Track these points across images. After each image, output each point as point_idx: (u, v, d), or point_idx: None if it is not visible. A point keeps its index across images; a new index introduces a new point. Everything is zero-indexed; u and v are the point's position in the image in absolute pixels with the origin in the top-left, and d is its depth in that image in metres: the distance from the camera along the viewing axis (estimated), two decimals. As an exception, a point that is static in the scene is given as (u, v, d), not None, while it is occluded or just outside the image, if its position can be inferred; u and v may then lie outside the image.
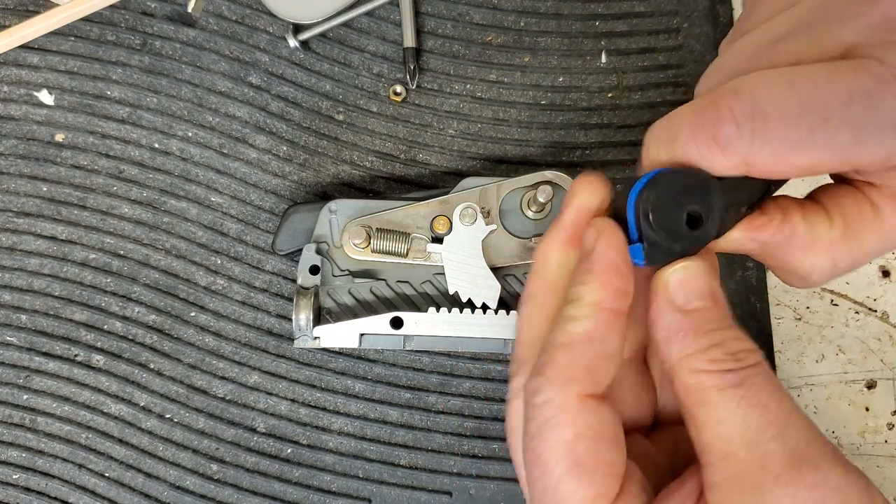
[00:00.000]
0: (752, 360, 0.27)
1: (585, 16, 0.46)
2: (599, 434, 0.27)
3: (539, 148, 0.45)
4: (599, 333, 0.28)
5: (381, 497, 0.43)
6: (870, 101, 0.23)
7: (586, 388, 0.27)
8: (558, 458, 0.27)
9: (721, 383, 0.26)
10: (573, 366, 0.27)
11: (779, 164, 0.25)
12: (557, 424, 0.27)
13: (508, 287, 0.40)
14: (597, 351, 0.28)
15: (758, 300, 0.44)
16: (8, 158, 0.45)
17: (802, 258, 0.30)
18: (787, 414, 0.26)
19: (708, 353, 0.27)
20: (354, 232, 0.39)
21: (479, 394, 0.43)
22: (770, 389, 0.26)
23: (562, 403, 0.27)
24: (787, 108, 0.24)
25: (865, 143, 0.24)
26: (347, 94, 0.46)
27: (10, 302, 0.44)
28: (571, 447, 0.27)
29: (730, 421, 0.26)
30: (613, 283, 0.28)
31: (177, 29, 0.46)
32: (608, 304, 0.28)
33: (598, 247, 0.28)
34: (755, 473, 0.25)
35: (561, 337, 0.28)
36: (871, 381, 0.44)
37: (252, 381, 0.43)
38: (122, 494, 0.42)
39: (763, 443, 0.25)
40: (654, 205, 0.27)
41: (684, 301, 0.28)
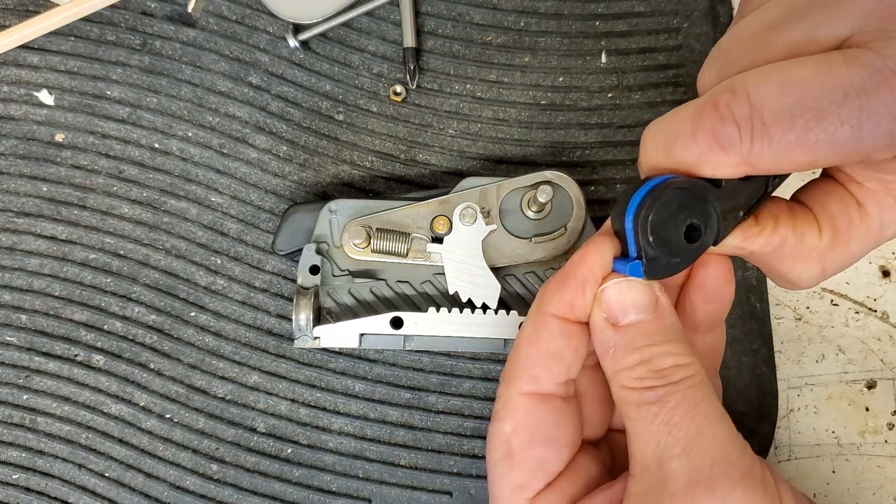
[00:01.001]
0: (679, 375, 0.27)
1: (585, 16, 0.46)
2: (535, 430, 0.29)
3: (539, 148, 0.45)
4: (541, 335, 0.29)
5: (381, 497, 0.43)
6: (865, 95, 0.23)
7: (526, 385, 0.30)
8: (497, 446, 0.30)
9: (638, 400, 0.27)
10: (515, 366, 0.30)
11: (781, 161, 0.25)
12: (501, 417, 0.30)
13: (508, 287, 0.40)
14: (537, 351, 0.29)
15: (758, 300, 0.44)
16: (8, 158, 0.45)
17: (791, 266, 0.30)
18: (697, 433, 0.26)
19: (633, 371, 0.28)
20: (354, 232, 0.39)
21: (479, 394, 0.43)
22: (687, 407, 0.26)
23: (507, 399, 0.30)
24: (783, 109, 0.24)
25: (865, 137, 0.24)
26: (347, 94, 0.46)
27: (10, 302, 0.44)
28: (507, 439, 0.30)
29: (644, 436, 0.27)
30: (564, 295, 0.29)
31: (177, 29, 0.46)
32: (551, 309, 0.29)
33: (573, 258, 0.30)
34: (659, 490, 0.26)
35: (516, 342, 0.31)
36: (871, 381, 0.44)
37: (252, 381, 0.43)
38: (122, 494, 0.42)
39: (668, 460, 0.26)
40: (654, 224, 0.27)
41: (619, 316, 0.29)
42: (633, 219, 0.27)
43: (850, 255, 0.30)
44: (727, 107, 0.25)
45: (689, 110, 0.26)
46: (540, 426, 0.29)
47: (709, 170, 0.26)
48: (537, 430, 0.29)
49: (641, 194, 0.27)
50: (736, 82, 0.25)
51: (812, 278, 0.30)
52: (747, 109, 0.25)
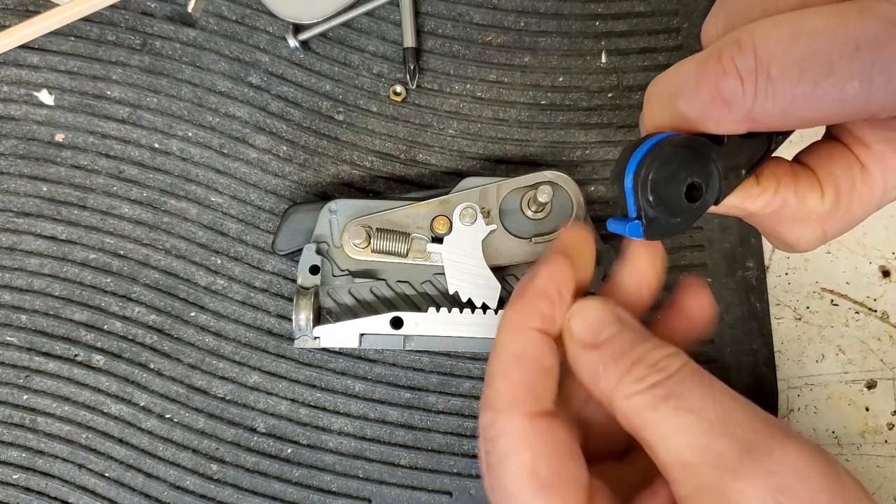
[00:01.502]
0: (676, 364, 0.27)
1: (585, 16, 0.46)
2: (556, 450, 0.27)
3: (539, 148, 0.45)
4: (530, 352, 0.28)
5: (381, 497, 0.43)
6: (878, 48, 0.22)
7: (532, 406, 0.27)
8: (522, 484, 0.26)
9: (652, 401, 0.26)
10: (515, 389, 0.27)
11: (786, 117, 0.24)
12: (514, 451, 0.27)
13: (508, 287, 0.40)
14: (531, 369, 0.28)
15: (758, 300, 0.44)
16: (8, 158, 0.45)
17: (790, 229, 0.30)
18: (725, 409, 0.25)
19: (631, 374, 0.27)
20: (354, 232, 0.39)
21: (479, 394, 0.43)
22: (701, 391, 0.26)
23: (514, 428, 0.27)
24: (791, 62, 0.23)
25: (875, 93, 0.23)
26: (347, 94, 0.46)
27: (10, 302, 0.44)
28: (532, 470, 0.26)
29: (673, 433, 0.25)
30: (541, 308, 0.28)
31: (177, 29, 0.46)
32: (533, 324, 0.28)
33: (540, 274, 0.29)
34: (714, 475, 0.25)
35: (496, 366, 0.28)
36: (871, 381, 0.44)
37: (252, 381, 0.43)
38: (122, 494, 0.42)
39: (711, 443, 0.25)
40: (654, 183, 0.26)
41: (593, 338, 0.28)
42: (633, 178, 0.27)
43: (852, 218, 0.29)
44: (731, 59, 0.24)
45: (693, 63, 0.25)
46: (560, 445, 0.27)
47: (711, 125, 0.26)
48: (559, 450, 0.27)
49: (642, 152, 0.26)
50: (743, 34, 0.24)
51: (811, 242, 0.30)
52: (752, 62, 0.24)
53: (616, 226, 0.28)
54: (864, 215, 0.29)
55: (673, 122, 0.27)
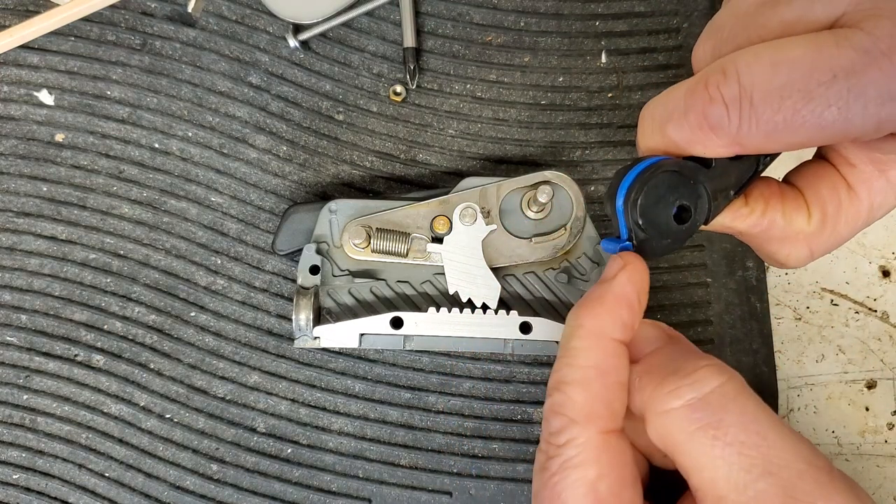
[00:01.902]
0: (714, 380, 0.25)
1: (585, 16, 0.46)
2: (620, 473, 0.26)
3: (539, 148, 0.45)
4: (610, 364, 0.27)
5: (381, 497, 0.43)
6: (854, 76, 0.23)
7: (608, 423, 0.27)
8: (579, 498, 0.26)
9: (688, 425, 0.25)
10: (592, 402, 0.26)
11: (769, 142, 0.25)
12: (580, 463, 0.26)
13: (508, 287, 0.40)
14: (612, 383, 0.27)
15: (758, 300, 0.44)
16: (8, 158, 0.45)
17: (779, 248, 0.30)
18: (770, 447, 0.24)
19: (664, 386, 0.26)
20: (354, 232, 0.39)
21: (479, 394, 0.43)
22: (745, 420, 0.25)
23: (585, 441, 0.26)
24: (772, 90, 0.24)
25: (852, 119, 0.24)
26: (347, 94, 0.46)
27: (10, 302, 0.44)
28: (594, 486, 0.26)
29: (709, 465, 0.25)
30: (622, 316, 0.27)
31: (177, 29, 0.46)
32: (614, 334, 0.27)
33: (619, 278, 0.28)
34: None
35: (573, 374, 0.27)
36: (871, 381, 0.44)
37: (252, 381, 0.43)
38: (122, 494, 0.42)
39: (751, 483, 0.24)
40: (643, 207, 0.27)
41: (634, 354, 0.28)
42: (623, 201, 0.27)
43: (839, 238, 0.30)
44: (717, 87, 0.25)
45: (682, 90, 0.26)
46: (626, 468, 0.27)
47: (699, 149, 0.26)
48: (624, 473, 0.26)
49: (632, 176, 0.27)
50: (727, 62, 0.25)
51: (800, 260, 0.30)
52: (737, 90, 0.25)
53: (609, 246, 0.29)
54: (851, 234, 0.30)
55: (664, 146, 0.27)
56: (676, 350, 0.28)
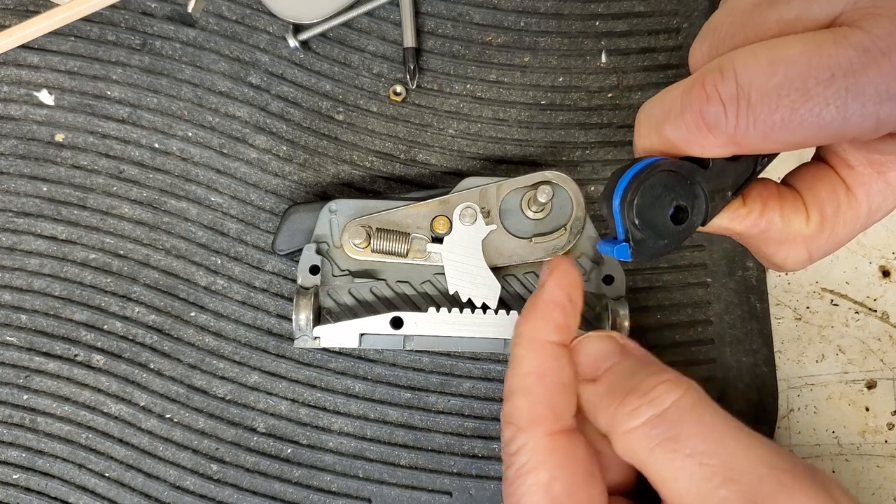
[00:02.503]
0: (672, 394, 0.26)
1: (585, 16, 0.46)
2: (574, 471, 0.27)
3: (539, 148, 0.45)
4: (549, 367, 0.28)
5: (381, 497, 0.43)
6: (852, 75, 0.23)
7: (553, 424, 0.27)
8: (536, 502, 0.27)
9: (648, 442, 0.25)
10: (535, 406, 0.27)
11: (767, 142, 0.25)
12: (532, 468, 0.27)
13: (508, 287, 0.40)
14: (552, 385, 0.28)
15: (758, 300, 0.44)
16: (8, 158, 0.45)
17: (777, 250, 0.30)
18: (730, 454, 0.25)
19: (624, 405, 0.26)
20: (354, 232, 0.39)
21: (479, 394, 0.43)
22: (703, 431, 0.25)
23: (534, 446, 0.27)
24: (770, 89, 0.24)
25: (850, 118, 0.23)
26: (347, 94, 0.46)
27: (10, 302, 0.44)
28: (548, 489, 0.26)
29: (672, 478, 0.25)
30: (555, 318, 0.28)
31: (177, 29, 0.46)
32: (550, 337, 0.28)
33: (548, 284, 0.29)
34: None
35: (516, 382, 0.28)
36: (871, 381, 0.44)
37: (252, 381, 0.43)
38: (122, 494, 0.42)
39: (713, 491, 0.24)
40: (640, 207, 0.27)
41: (592, 371, 0.28)
42: (619, 201, 0.28)
43: (837, 240, 0.30)
44: (714, 86, 0.25)
45: (679, 90, 0.26)
46: (577, 465, 0.27)
47: (696, 149, 0.26)
48: (576, 471, 0.27)
49: (629, 176, 0.27)
50: (724, 61, 0.25)
51: (798, 262, 0.30)
52: (734, 89, 0.25)
53: (605, 247, 0.29)
54: (849, 237, 0.30)
55: (661, 146, 0.27)
56: (632, 365, 0.28)
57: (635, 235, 0.27)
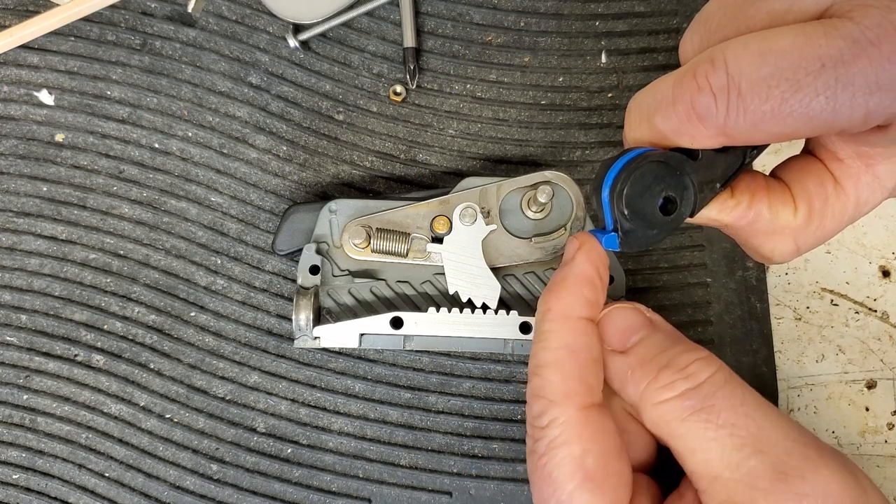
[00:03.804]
0: (706, 371, 0.26)
1: (585, 16, 0.46)
2: (605, 445, 0.27)
3: (539, 148, 0.45)
4: (580, 342, 0.28)
5: (381, 497, 0.43)
6: (842, 66, 0.23)
7: (585, 399, 0.28)
8: (569, 474, 0.27)
9: (682, 412, 0.26)
10: (568, 381, 0.28)
11: (757, 132, 0.25)
12: (564, 441, 0.27)
13: (508, 287, 0.40)
14: (583, 360, 0.28)
15: (758, 300, 0.44)
16: (8, 158, 0.45)
17: (764, 241, 0.30)
18: (758, 427, 0.25)
19: (658, 380, 0.27)
20: (354, 232, 0.39)
21: (479, 394, 0.43)
22: (734, 404, 0.26)
23: (566, 420, 0.27)
24: (760, 80, 0.24)
25: (840, 108, 0.23)
26: (347, 94, 0.46)
27: (10, 302, 0.44)
28: (581, 461, 0.27)
29: (703, 448, 0.26)
30: (585, 294, 0.28)
31: (177, 29, 0.46)
32: (580, 312, 0.28)
33: (577, 258, 0.29)
34: (744, 492, 0.25)
35: (547, 356, 0.28)
36: (871, 381, 0.44)
37: (252, 381, 0.43)
38: (122, 494, 0.42)
39: (743, 461, 0.25)
40: (628, 197, 0.27)
41: (621, 343, 0.29)
42: (609, 192, 0.28)
43: (825, 233, 0.30)
44: (705, 77, 0.25)
45: (671, 80, 0.26)
46: (609, 439, 0.27)
47: (687, 140, 0.26)
48: (608, 444, 0.27)
49: (618, 167, 0.27)
50: (716, 52, 0.25)
51: (785, 254, 0.30)
52: (725, 80, 0.25)
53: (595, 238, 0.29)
54: (837, 229, 0.30)
55: (651, 138, 0.28)
56: (662, 339, 0.28)
57: (624, 226, 0.28)
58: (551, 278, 0.30)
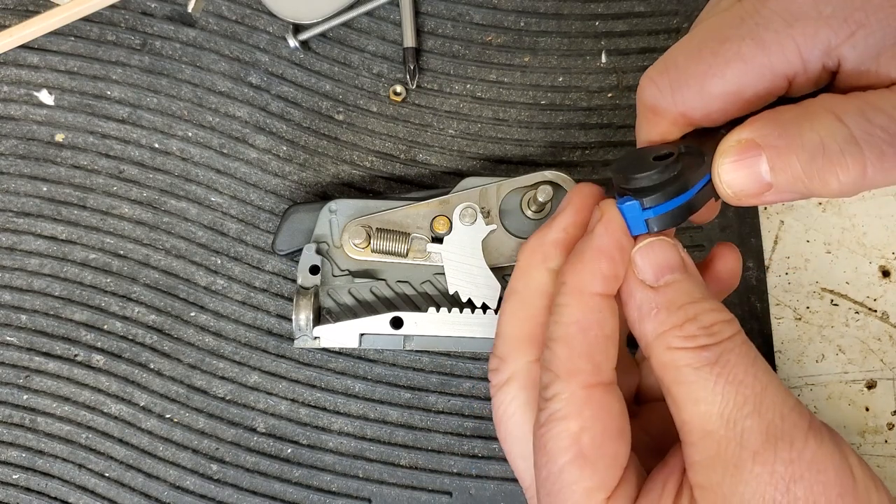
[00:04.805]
0: (728, 331, 0.27)
1: (585, 16, 0.46)
2: (605, 426, 0.27)
3: (539, 148, 0.45)
4: (592, 319, 0.28)
5: (381, 497, 0.43)
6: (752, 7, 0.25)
7: (590, 377, 0.27)
8: (563, 449, 0.27)
9: (696, 361, 0.26)
10: (575, 358, 0.28)
11: (706, 101, 0.26)
12: (564, 416, 0.27)
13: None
14: (594, 338, 0.28)
15: (758, 300, 0.44)
16: (8, 158, 0.45)
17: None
18: (762, 388, 0.26)
19: (682, 329, 0.27)
20: (354, 232, 0.39)
21: (479, 394, 0.43)
22: (746, 364, 0.26)
23: (569, 396, 0.27)
24: (690, 47, 0.26)
25: (768, 46, 0.25)
26: (347, 94, 0.46)
27: (10, 302, 0.44)
28: (576, 438, 0.27)
29: (707, 399, 0.26)
30: (602, 269, 0.28)
31: (177, 29, 0.46)
32: (596, 288, 0.28)
33: (597, 230, 0.28)
34: (734, 451, 0.25)
35: (558, 331, 0.28)
36: (871, 381, 0.44)
37: (252, 381, 0.43)
38: (122, 494, 0.42)
39: (740, 420, 0.25)
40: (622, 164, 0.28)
41: (654, 277, 0.28)
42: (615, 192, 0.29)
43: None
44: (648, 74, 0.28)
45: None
46: (610, 419, 0.28)
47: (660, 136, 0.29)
48: (608, 425, 0.27)
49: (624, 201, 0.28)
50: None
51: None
52: (662, 64, 0.27)
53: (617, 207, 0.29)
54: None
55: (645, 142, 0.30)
56: (692, 287, 0.28)
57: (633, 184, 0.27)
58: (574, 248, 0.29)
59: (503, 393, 0.31)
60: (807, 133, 0.25)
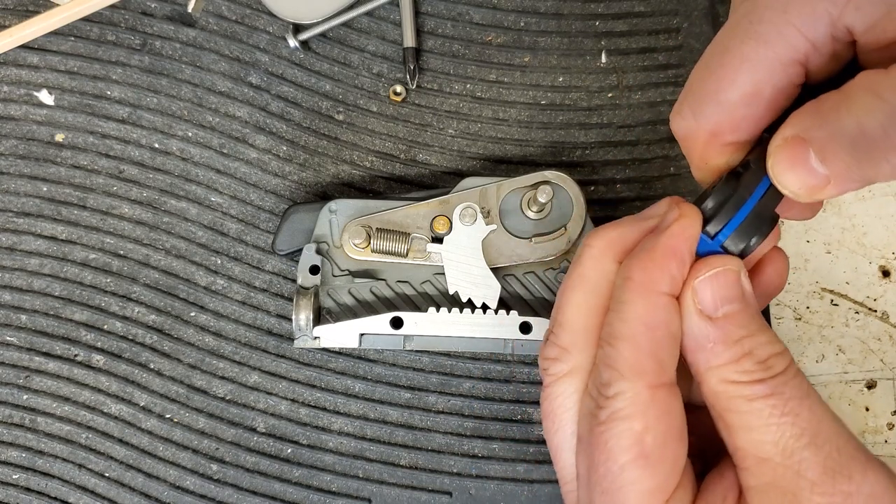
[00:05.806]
0: (782, 364, 0.27)
1: (585, 16, 0.46)
2: (668, 427, 0.27)
3: (539, 148, 0.45)
4: (660, 319, 0.27)
5: (381, 497, 0.43)
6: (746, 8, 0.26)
7: (655, 378, 0.27)
8: (625, 448, 0.27)
9: (751, 394, 0.26)
10: (641, 357, 0.27)
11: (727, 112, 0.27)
12: (627, 416, 0.27)
13: (508, 287, 0.40)
14: (661, 337, 0.27)
15: (758, 300, 0.44)
16: (8, 158, 0.45)
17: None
18: (818, 421, 0.26)
19: (738, 365, 0.26)
20: (354, 232, 0.39)
21: (479, 394, 0.43)
22: (801, 396, 0.26)
23: (633, 396, 0.27)
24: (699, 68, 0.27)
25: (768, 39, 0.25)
26: (347, 94, 0.46)
27: (10, 302, 0.44)
28: (640, 438, 0.26)
29: (761, 429, 0.26)
30: (671, 270, 0.27)
31: (177, 29, 0.46)
32: (663, 288, 0.27)
33: (673, 229, 0.28)
34: (792, 480, 0.25)
35: (623, 328, 0.27)
36: (871, 381, 0.44)
37: (252, 381, 0.43)
38: (122, 494, 0.42)
39: (798, 451, 0.25)
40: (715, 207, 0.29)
41: (713, 308, 0.27)
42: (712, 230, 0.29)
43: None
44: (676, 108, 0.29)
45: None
46: (672, 421, 0.27)
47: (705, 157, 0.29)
48: (670, 426, 0.27)
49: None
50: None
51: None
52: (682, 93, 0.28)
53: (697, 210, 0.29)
54: None
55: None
56: (749, 319, 0.27)
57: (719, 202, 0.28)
58: (640, 243, 0.29)
59: (562, 384, 0.30)
60: (844, 118, 0.23)
